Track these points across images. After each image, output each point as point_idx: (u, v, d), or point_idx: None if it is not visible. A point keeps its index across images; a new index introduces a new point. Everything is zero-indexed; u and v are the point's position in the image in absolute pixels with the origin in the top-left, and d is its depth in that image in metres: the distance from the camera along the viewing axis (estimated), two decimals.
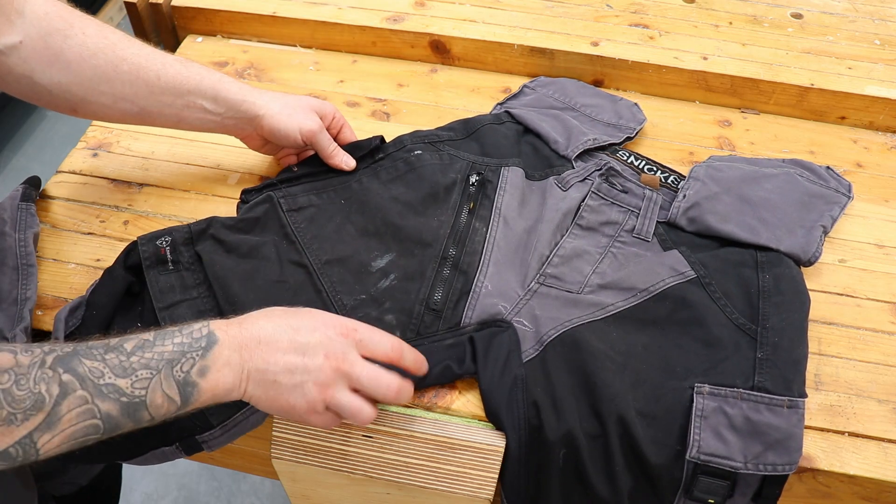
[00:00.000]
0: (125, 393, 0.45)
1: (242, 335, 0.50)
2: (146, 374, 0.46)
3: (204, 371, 0.47)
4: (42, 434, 0.42)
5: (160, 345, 0.47)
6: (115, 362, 0.45)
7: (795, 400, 0.55)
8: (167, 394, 0.46)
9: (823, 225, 0.68)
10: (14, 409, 0.41)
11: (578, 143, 0.74)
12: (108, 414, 0.45)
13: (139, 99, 0.64)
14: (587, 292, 0.64)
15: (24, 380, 0.42)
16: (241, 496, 1.32)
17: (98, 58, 0.62)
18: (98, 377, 0.44)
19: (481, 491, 0.57)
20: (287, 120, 0.68)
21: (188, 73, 0.65)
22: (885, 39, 0.91)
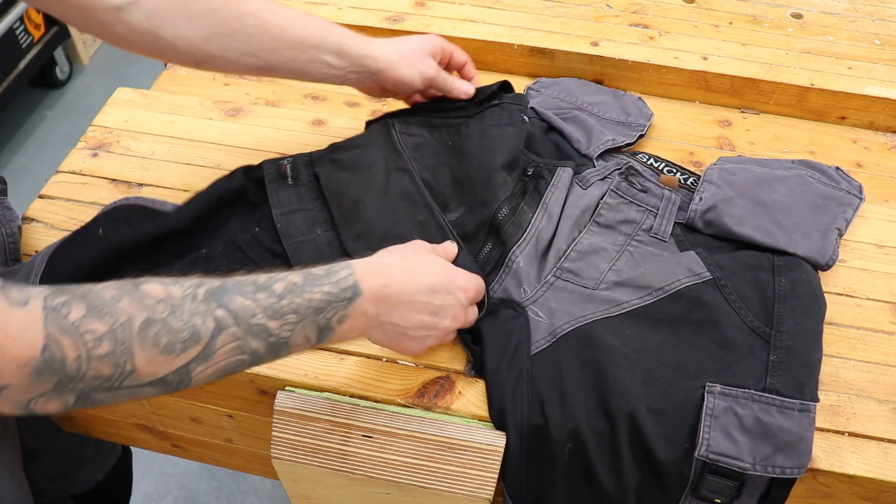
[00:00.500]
0: (273, 334, 0.46)
1: (385, 291, 0.52)
2: (294, 319, 0.47)
3: (343, 319, 0.50)
4: (198, 365, 0.44)
5: (309, 291, 0.48)
6: (266, 303, 0.46)
7: (807, 403, 0.55)
8: (308, 336, 0.49)
9: (838, 227, 0.68)
10: (173, 338, 0.42)
11: (599, 143, 0.75)
12: (255, 351, 0.46)
13: (264, 53, 0.64)
14: (603, 289, 0.64)
15: (179, 311, 0.43)
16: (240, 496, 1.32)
17: (222, 12, 0.62)
18: (250, 316, 0.45)
19: (481, 491, 0.57)
20: (409, 70, 0.69)
21: (312, 28, 0.66)
22: (885, 39, 0.91)
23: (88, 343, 0.40)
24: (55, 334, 0.39)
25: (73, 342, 0.39)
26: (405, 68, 0.69)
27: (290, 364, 0.61)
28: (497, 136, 0.71)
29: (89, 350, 0.40)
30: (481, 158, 0.70)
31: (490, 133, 0.72)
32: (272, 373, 0.60)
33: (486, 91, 0.75)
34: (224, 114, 0.84)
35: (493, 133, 0.72)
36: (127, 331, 0.41)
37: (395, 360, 0.62)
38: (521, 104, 0.74)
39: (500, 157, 0.69)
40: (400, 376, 0.61)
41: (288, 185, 0.70)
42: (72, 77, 2.15)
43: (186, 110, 0.84)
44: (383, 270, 0.52)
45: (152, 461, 1.35)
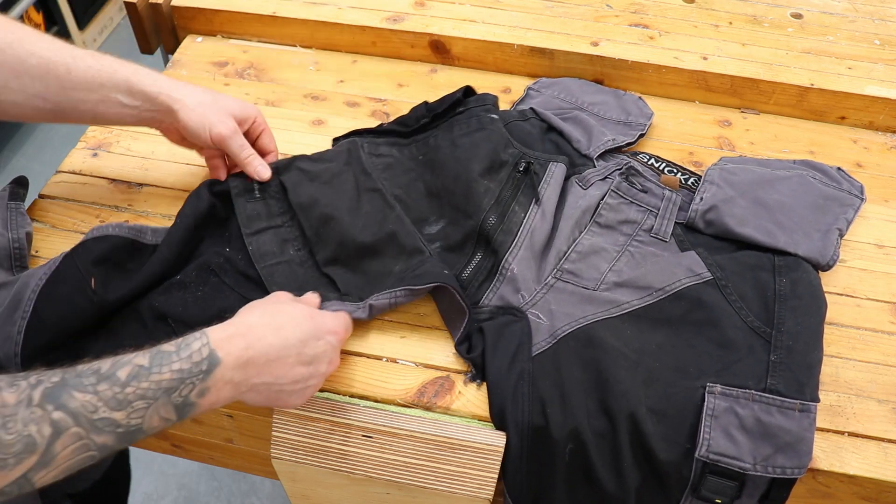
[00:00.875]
0: (121, 424, 0.44)
1: (248, 354, 0.49)
2: (142, 405, 0.45)
3: (203, 392, 0.47)
4: (37, 472, 0.42)
5: (157, 373, 0.45)
6: (109, 395, 0.44)
7: (807, 404, 0.55)
8: (164, 416, 0.46)
9: (839, 228, 0.68)
10: (5, 454, 0.40)
11: (599, 143, 0.75)
12: (103, 445, 0.44)
13: (51, 95, 0.61)
14: (603, 289, 0.64)
15: (11, 422, 0.40)
16: (240, 496, 1.32)
17: (5, 53, 0.59)
18: (92, 412, 0.43)
19: (481, 491, 0.57)
20: (198, 119, 0.65)
21: (100, 67, 0.62)
22: (884, 39, 0.91)
23: None
24: None
25: None
26: (196, 116, 0.65)
27: None
28: (469, 145, 0.71)
29: None
30: (457, 169, 0.70)
31: (461, 143, 0.72)
32: None
33: (449, 100, 0.75)
34: None
35: (464, 142, 0.72)
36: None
37: (395, 360, 0.62)
38: (485, 104, 0.74)
39: (477, 166, 0.69)
40: (400, 376, 0.61)
41: (255, 199, 0.68)
42: None
43: None
44: (243, 333, 0.50)
45: (152, 461, 1.35)
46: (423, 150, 0.74)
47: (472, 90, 0.77)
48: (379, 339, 0.63)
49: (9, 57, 0.59)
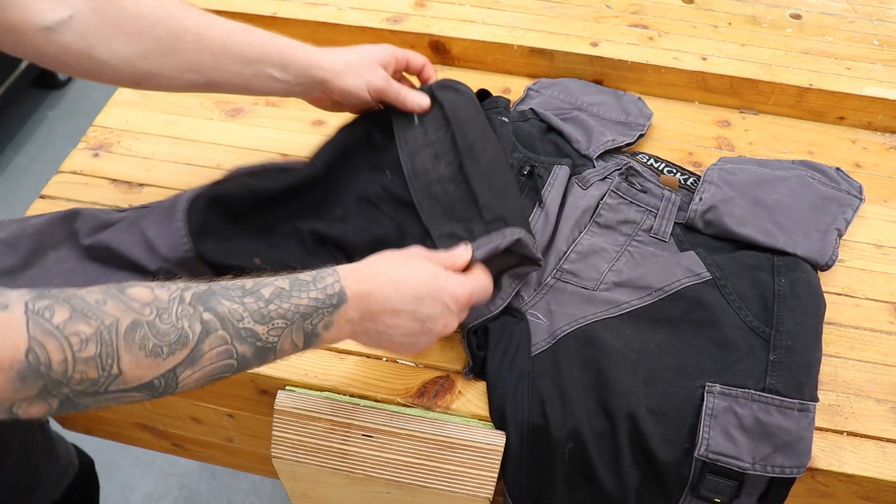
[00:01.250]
0: (261, 338, 0.46)
1: (368, 300, 0.51)
2: (281, 324, 0.47)
3: (329, 325, 0.49)
4: (185, 369, 0.43)
5: (296, 297, 0.47)
6: (254, 307, 0.45)
7: (806, 403, 0.55)
8: (295, 342, 0.48)
9: (838, 228, 0.68)
10: (160, 341, 0.41)
11: (599, 144, 0.75)
12: (243, 356, 0.45)
13: (205, 69, 0.62)
14: (603, 289, 0.64)
15: (166, 314, 0.42)
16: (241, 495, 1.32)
17: (159, 28, 0.59)
18: (238, 320, 0.45)
19: (481, 490, 0.57)
20: (355, 80, 0.66)
21: (254, 41, 0.63)
22: (883, 40, 0.92)
23: (74, 346, 0.39)
24: (39, 337, 0.38)
25: (58, 345, 0.38)
26: (351, 77, 0.66)
27: (290, 364, 0.61)
28: None
29: (75, 353, 0.39)
30: None
31: None
32: (273, 372, 0.60)
33: None
34: (224, 114, 0.84)
35: None
36: (113, 333, 0.40)
37: (396, 360, 0.62)
38: (497, 107, 0.74)
39: None
40: (400, 376, 0.61)
41: (414, 126, 0.70)
42: (73, 78, 2.15)
43: (187, 110, 0.84)
44: (369, 278, 0.52)
45: (153, 461, 1.35)
46: None
47: (487, 92, 0.77)
48: None
49: (162, 33, 0.60)
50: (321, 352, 0.62)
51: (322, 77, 0.66)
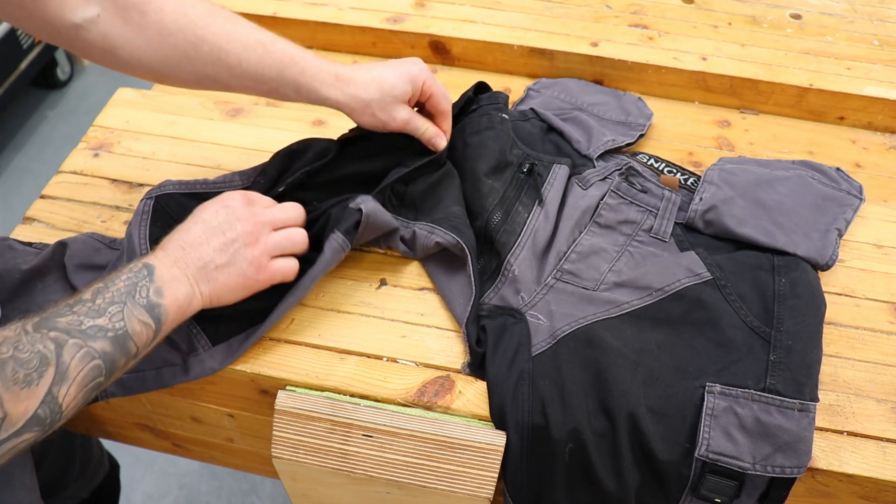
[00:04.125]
0: (108, 329, 0.48)
1: (169, 254, 0.55)
2: (116, 309, 0.49)
3: (159, 292, 0.52)
4: (59, 387, 0.45)
5: (112, 286, 0.51)
6: (85, 310, 0.48)
7: (807, 403, 0.55)
8: (141, 320, 0.51)
9: (838, 228, 0.68)
10: (27, 369, 0.43)
11: (599, 144, 0.75)
12: (103, 351, 0.48)
13: (221, 79, 0.63)
14: (603, 289, 0.64)
15: (20, 345, 0.44)
16: (241, 495, 1.32)
17: (177, 37, 0.60)
18: (78, 325, 0.47)
19: (481, 490, 0.57)
20: (370, 119, 0.66)
21: (270, 62, 0.62)
22: (883, 40, 0.92)
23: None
24: None
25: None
26: (366, 117, 0.65)
27: (290, 364, 0.61)
28: (477, 144, 0.71)
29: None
30: (466, 169, 0.70)
31: (471, 142, 0.72)
32: (273, 372, 0.60)
33: (462, 98, 0.75)
34: (225, 114, 0.84)
35: (474, 141, 0.72)
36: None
37: (395, 360, 0.62)
38: (497, 103, 0.74)
39: (483, 166, 0.69)
40: (400, 376, 0.61)
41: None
42: (73, 78, 2.15)
43: (187, 110, 0.84)
44: (162, 244, 0.56)
45: (153, 461, 1.35)
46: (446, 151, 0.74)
47: (486, 85, 0.77)
48: (379, 338, 0.63)
49: (180, 41, 0.60)
50: (321, 352, 0.62)
51: (339, 109, 0.65)
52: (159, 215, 0.63)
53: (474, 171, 0.69)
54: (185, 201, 0.64)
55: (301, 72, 0.63)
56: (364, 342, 0.63)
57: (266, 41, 0.62)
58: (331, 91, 0.64)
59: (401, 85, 0.65)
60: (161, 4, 0.60)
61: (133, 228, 0.62)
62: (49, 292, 0.62)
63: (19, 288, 0.61)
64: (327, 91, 0.64)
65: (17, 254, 0.63)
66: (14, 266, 0.61)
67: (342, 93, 0.64)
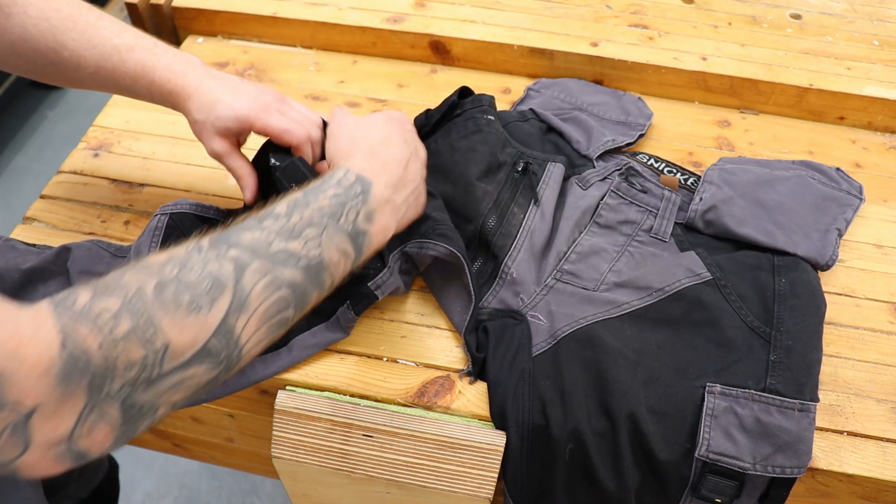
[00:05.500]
0: (301, 256, 0.41)
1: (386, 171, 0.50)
2: (314, 233, 0.42)
3: (370, 216, 0.46)
4: (237, 317, 0.38)
5: (314, 201, 0.44)
6: (277, 227, 0.41)
7: (807, 403, 0.55)
8: (342, 248, 0.44)
9: (838, 228, 0.68)
10: (195, 292, 0.36)
11: (599, 144, 0.75)
12: (292, 282, 0.41)
13: (85, 83, 0.63)
14: (603, 290, 0.64)
15: (189, 265, 0.37)
16: (241, 495, 1.32)
17: (39, 41, 0.59)
18: (267, 245, 0.40)
19: (481, 490, 0.57)
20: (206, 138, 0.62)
21: (123, 71, 0.61)
22: (883, 40, 0.92)
23: (106, 324, 0.34)
24: (69, 324, 0.34)
25: (89, 328, 0.34)
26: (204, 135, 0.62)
27: None
28: (466, 149, 0.71)
29: (110, 331, 0.34)
30: (456, 174, 0.69)
31: (458, 146, 0.71)
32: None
33: (445, 104, 0.74)
34: None
35: (462, 146, 0.71)
36: (142, 298, 0.36)
37: (395, 360, 0.62)
38: (481, 105, 0.74)
39: (474, 169, 0.69)
40: (400, 376, 0.61)
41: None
42: None
43: None
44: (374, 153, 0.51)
45: (153, 460, 1.35)
46: (428, 157, 0.74)
47: (469, 90, 0.76)
48: (379, 338, 0.63)
49: (42, 46, 0.60)
50: (322, 352, 0.62)
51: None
52: (172, 232, 0.62)
53: (465, 176, 0.69)
54: (198, 223, 0.64)
55: (150, 83, 0.61)
56: (364, 342, 0.63)
57: (122, 49, 0.61)
58: (176, 106, 0.62)
59: (225, 118, 0.59)
60: (24, 7, 0.59)
61: (143, 244, 0.61)
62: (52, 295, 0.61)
63: (20, 289, 0.61)
64: (173, 106, 0.63)
65: (19, 254, 0.63)
66: (14, 266, 0.61)
67: (180, 108, 0.62)
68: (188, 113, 0.62)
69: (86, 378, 0.34)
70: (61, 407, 0.33)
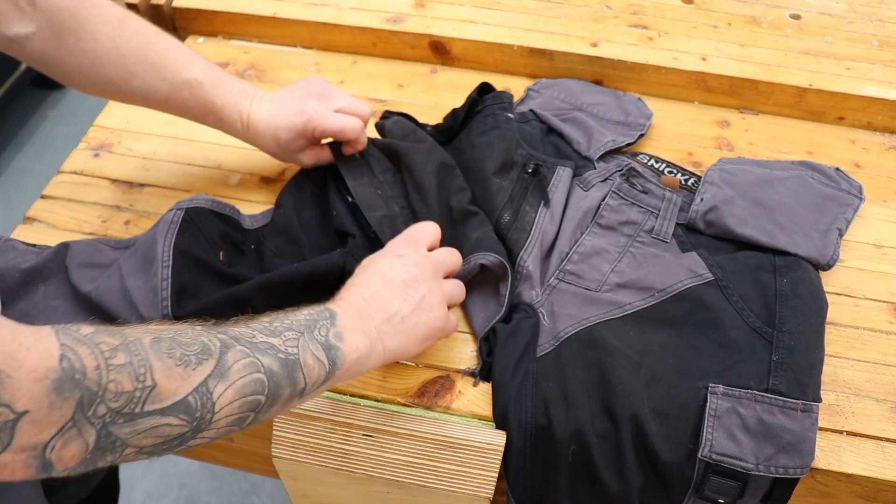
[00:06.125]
0: (280, 349, 0.45)
1: (350, 305, 0.52)
2: (293, 335, 0.46)
3: (340, 336, 0.49)
4: (217, 383, 0.41)
5: (293, 316, 0.48)
6: (261, 326, 0.46)
7: (809, 404, 0.55)
8: (316, 356, 0.47)
9: (839, 228, 0.68)
10: (186, 350, 0.40)
11: (600, 145, 0.75)
12: (270, 369, 0.44)
13: (153, 106, 0.67)
14: (605, 291, 0.64)
15: (184, 332, 0.42)
16: (241, 495, 1.32)
17: (109, 69, 0.62)
18: (250, 336, 0.45)
19: (482, 490, 0.57)
20: (287, 161, 0.71)
21: (193, 105, 0.66)
22: (883, 40, 0.92)
23: (105, 353, 0.37)
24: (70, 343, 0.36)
25: (89, 351, 0.37)
26: (289, 160, 0.70)
27: None
28: (484, 145, 0.72)
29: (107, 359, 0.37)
30: (475, 170, 0.71)
31: (477, 142, 0.72)
32: None
33: (467, 102, 0.76)
34: None
35: (480, 141, 0.72)
36: (139, 344, 0.39)
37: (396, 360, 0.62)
38: (502, 102, 0.75)
39: (490, 165, 0.70)
40: (400, 376, 0.61)
41: (356, 159, 0.71)
42: None
43: None
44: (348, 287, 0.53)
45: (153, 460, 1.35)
46: (454, 154, 0.75)
47: (490, 86, 0.77)
48: None
49: (112, 73, 0.63)
50: None
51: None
52: (187, 226, 0.62)
53: (482, 171, 0.70)
54: (214, 218, 0.64)
55: (219, 120, 0.68)
56: None
57: (193, 84, 0.65)
58: (245, 139, 0.69)
59: (295, 140, 0.68)
60: (95, 34, 0.61)
61: (159, 235, 0.61)
62: (51, 296, 0.61)
63: (21, 288, 0.61)
64: (243, 139, 0.69)
65: (19, 254, 0.63)
66: (15, 265, 0.61)
67: (253, 142, 0.69)
68: (264, 149, 0.70)
69: (77, 393, 0.36)
70: (49, 415, 0.35)
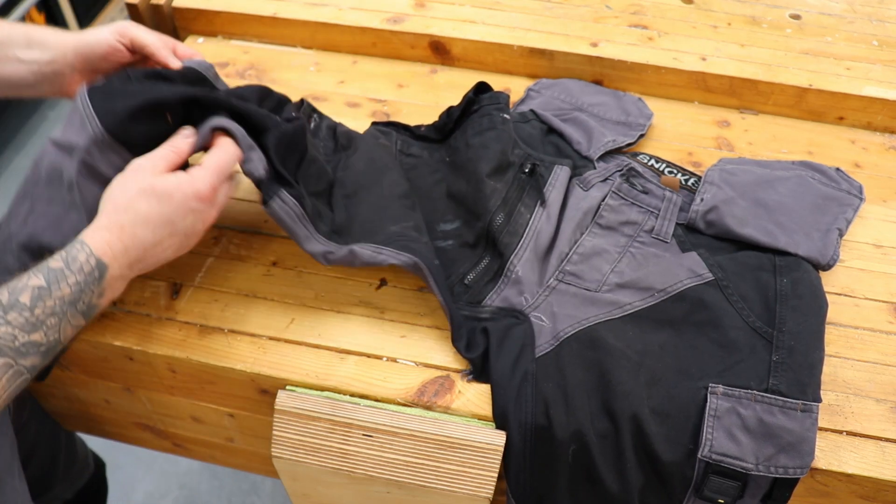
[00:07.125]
0: (42, 344, 0.48)
1: (129, 255, 0.52)
2: (54, 322, 0.48)
3: (102, 293, 0.52)
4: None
5: (57, 290, 0.48)
6: (21, 321, 0.47)
7: (809, 404, 0.55)
8: (76, 324, 0.50)
9: (839, 228, 0.68)
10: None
11: (600, 145, 0.75)
12: (32, 366, 0.48)
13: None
14: (605, 291, 0.64)
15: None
16: (241, 495, 1.33)
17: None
18: (12, 341, 0.46)
19: (481, 490, 0.57)
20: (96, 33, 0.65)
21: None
22: (883, 40, 0.92)
23: None
24: None
25: None
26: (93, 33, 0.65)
27: (290, 363, 0.61)
28: (479, 145, 0.72)
29: None
30: (468, 171, 0.70)
31: (473, 143, 0.72)
32: (273, 372, 0.60)
33: (463, 101, 0.75)
34: None
35: (476, 142, 0.72)
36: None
37: (395, 360, 0.62)
38: (498, 103, 0.75)
39: (485, 167, 0.70)
40: (400, 375, 0.61)
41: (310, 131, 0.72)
42: None
43: None
44: (118, 236, 0.52)
45: (153, 460, 1.35)
46: (448, 153, 0.75)
47: (487, 85, 0.77)
48: (379, 338, 0.63)
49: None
50: (321, 352, 0.62)
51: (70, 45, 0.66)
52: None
53: (476, 173, 0.69)
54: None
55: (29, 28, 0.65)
56: (364, 342, 0.63)
57: None
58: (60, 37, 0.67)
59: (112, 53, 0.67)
60: None
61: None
62: None
63: None
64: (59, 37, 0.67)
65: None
66: None
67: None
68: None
69: None
70: None
